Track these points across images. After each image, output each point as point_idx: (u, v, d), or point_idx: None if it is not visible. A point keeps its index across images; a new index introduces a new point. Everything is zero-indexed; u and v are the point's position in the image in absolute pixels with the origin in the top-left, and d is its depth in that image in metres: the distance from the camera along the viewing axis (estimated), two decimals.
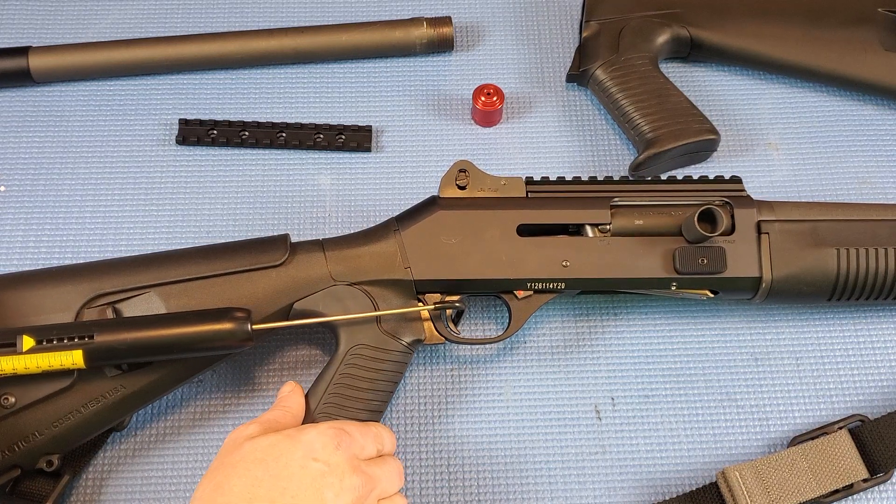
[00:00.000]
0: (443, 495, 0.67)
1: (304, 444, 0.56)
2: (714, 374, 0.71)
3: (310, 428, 0.57)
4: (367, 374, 0.64)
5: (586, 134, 0.81)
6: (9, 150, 0.80)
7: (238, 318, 0.59)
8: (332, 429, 0.57)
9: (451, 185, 0.67)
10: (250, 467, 0.55)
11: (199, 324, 0.59)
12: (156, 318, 0.60)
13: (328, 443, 0.56)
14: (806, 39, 0.80)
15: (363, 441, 0.58)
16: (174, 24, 0.87)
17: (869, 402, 0.70)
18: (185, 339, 0.59)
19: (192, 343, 0.59)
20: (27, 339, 0.57)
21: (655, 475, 0.68)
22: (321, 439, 0.56)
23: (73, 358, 0.57)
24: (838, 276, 0.66)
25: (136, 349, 0.58)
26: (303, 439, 0.56)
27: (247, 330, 0.59)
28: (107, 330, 0.58)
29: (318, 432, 0.57)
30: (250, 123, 0.80)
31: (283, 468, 0.54)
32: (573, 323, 0.73)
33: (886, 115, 0.82)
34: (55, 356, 0.57)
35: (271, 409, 0.61)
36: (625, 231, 0.66)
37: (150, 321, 0.60)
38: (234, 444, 0.57)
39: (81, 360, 0.57)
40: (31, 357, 0.57)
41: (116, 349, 0.58)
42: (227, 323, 0.59)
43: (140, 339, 0.58)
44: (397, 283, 0.65)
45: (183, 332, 0.58)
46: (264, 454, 0.55)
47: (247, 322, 0.60)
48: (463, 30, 0.87)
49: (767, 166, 0.80)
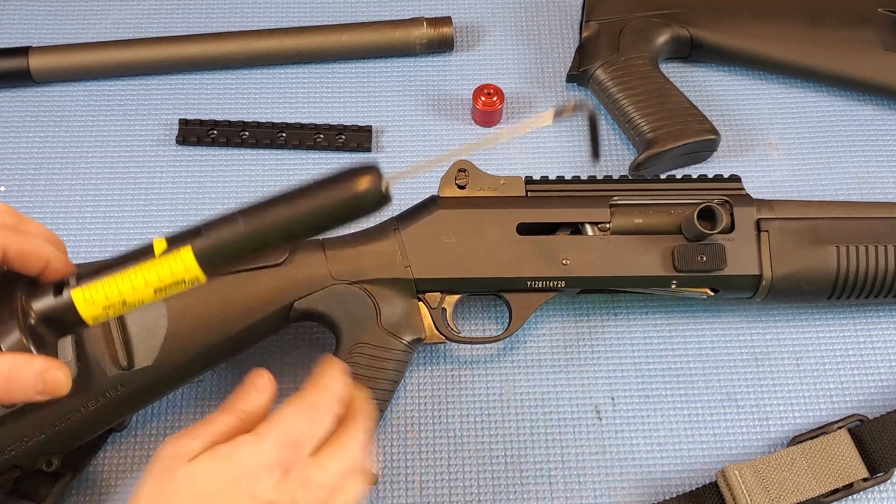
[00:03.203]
0: (443, 495, 0.67)
1: (245, 473, 0.48)
2: (714, 374, 0.71)
3: (250, 445, 0.49)
4: (367, 374, 0.64)
5: (586, 134, 0.81)
6: (9, 150, 0.80)
7: (370, 173, 0.48)
8: (278, 448, 0.49)
9: (450, 185, 0.67)
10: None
11: (322, 194, 0.48)
12: (281, 200, 0.48)
13: (274, 469, 0.48)
14: (806, 39, 0.80)
15: (317, 431, 0.51)
16: (174, 24, 0.87)
17: (869, 401, 0.70)
18: (308, 216, 0.48)
19: (317, 220, 0.48)
20: (158, 241, 0.48)
21: (655, 475, 0.68)
22: (265, 463, 0.48)
23: (184, 260, 0.47)
24: (838, 273, 0.66)
25: (252, 239, 0.48)
26: (244, 464, 0.48)
27: (381, 189, 0.48)
28: (213, 224, 0.48)
29: (259, 456, 0.48)
30: (250, 123, 0.80)
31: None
32: (573, 323, 0.73)
33: (886, 114, 0.82)
34: (175, 262, 0.47)
35: (223, 412, 0.52)
36: (624, 230, 0.66)
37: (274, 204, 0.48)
38: (170, 466, 0.48)
39: (194, 262, 0.47)
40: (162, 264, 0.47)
41: (230, 242, 0.47)
42: (359, 183, 0.47)
43: (256, 226, 0.48)
44: (397, 282, 0.65)
45: (306, 209, 0.48)
46: (203, 488, 0.47)
47: (380, 179, 0.48)
48: (463, 30, 0.87)
49: (767, 166, 0.80)
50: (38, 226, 0.53)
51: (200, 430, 0.50)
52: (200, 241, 0.47)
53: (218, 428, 0.50)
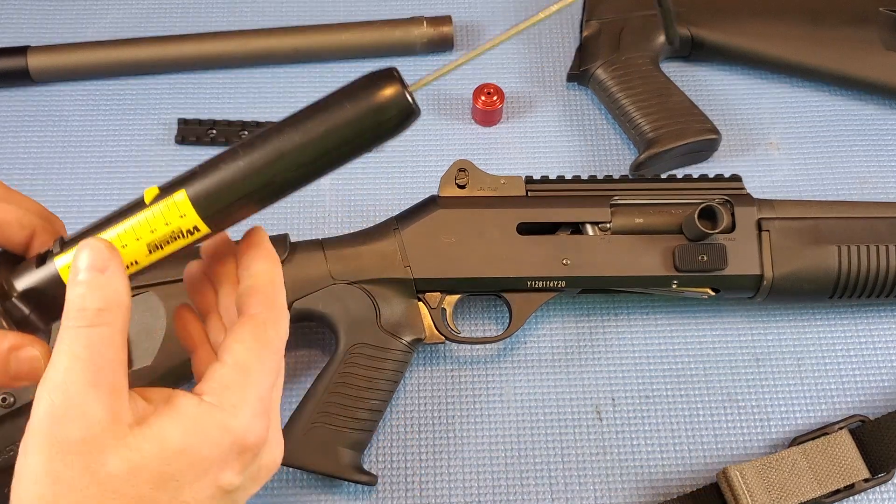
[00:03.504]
0: (443, 495, 0.67)
1: (212, 463, 0.39)
2: (715, 375, 0.71)
3: (217, 428, 0.39)
4: (367, 374, 0.64)
5: (587, 133, 0.81)
6: (7, 149, 0.80)
7: (389, 80, 0.40)
8: (254, 420, 0.41)
9: (450, 185, 0.67)
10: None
11: (334, 113, 0.40)
12: (287, 124, 0.40)
13: (246, 452, 0.41)
14: (807, 39, 0.80)
15: (279, 378, 0.43)
16: (173, 23, 0.87)
17: (870, 402, 0.70)
18: (320, 141, 0.40)
19: (332, 144, 0.40)
20: (150, 190, 0.41)
21: (656, 475, 0.68)
22: (237, 447, 0.40)
23: (179, 207, 0.40)
24: (839, 273, 0.66)
25: (257, 174, 0.40)
26: (206, 455, 0.39)
27: (406, 98, 0.40)
28: (210, 162, 0.41)
29: (231, 439, 0.40)
30: (250, 123, 0.80)
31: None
32: (573, 323, 0.73)
33: (887, 114, 0.82)
34: (168, 209, 0.41)
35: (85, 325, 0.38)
36: (625, 229, 0.66)
37: (278, 130, 0.40)
38: (86, 464, 0.37)
39: (190, 207, 0.40)
40: (153, 213, 0.41)
41: (231, 180, 0.40)
42: (378, 93, 0.40)
43: (259, 158, 0.40)
44: (397, 282, 0.65)
45: (317, 132, 0.40)
46: (143, 488, 0.38)
47: (402, 85, 0.40)
48: (463, 29, 0.87)
49: (768, 166, 0.80)
50: (27, 200, 0.46)
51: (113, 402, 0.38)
52: (196, 183, 0.40)
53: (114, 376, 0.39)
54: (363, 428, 0.64)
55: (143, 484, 0.38)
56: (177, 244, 0.41)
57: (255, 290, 0.43)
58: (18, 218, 0.44)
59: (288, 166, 0.40)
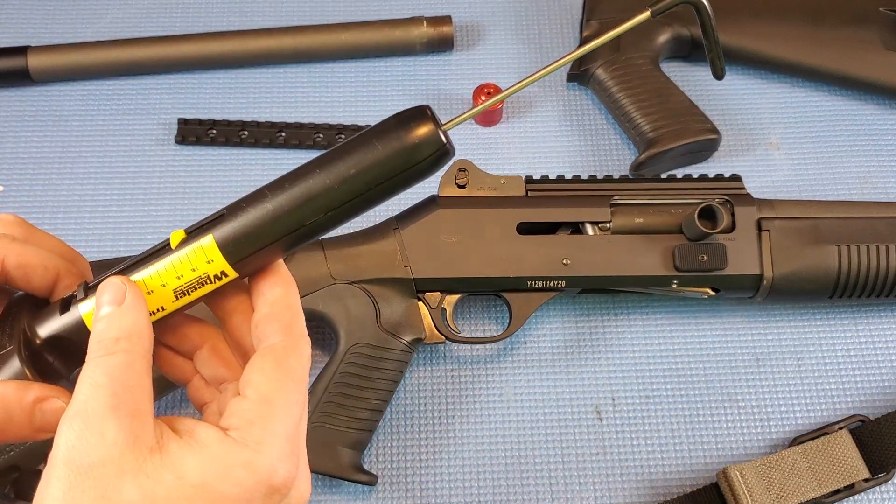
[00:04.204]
0: (443, 495, 0.67)
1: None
2: (715, 375, 0.71)
3: (244, 468, 0.37)
4: (367, 374, 0.64)
5: (587, 133, 0.81)
6: (7, 149, 0.80)
7: (422, 119, 0.39)
8: (282, 461, 0.38)
9: (450, 184, 0.67)
10: None
11: (365, 154, 0.38)
12: (315, 166, 0.39)
13: (273, 495, 0.38)
14: (807, 39, 0.80)
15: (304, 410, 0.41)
16: (173, 23, 0.87)
17: (870, 402, 0.70)
18: (350, 184, 0.38)
19: (362, 186, 0.38)
20: (176, 234, 0.40)
21: (656, 475, 0.68)
22: (265, 486, 0.38)
23: (206, 252, 0.39)
24: (839, 273, 0.66)
25: (286, 218, 0.39)
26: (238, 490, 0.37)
27: (439, 138, 0.39)
28: (238, 205, 0.40)
29: (256, 478, 0.37)
30: (250, 123, 0.80)
31: None
32: (573, 323, 0.73)
33: (888, 114, 0.82)
34: (196, 254, 0.39)
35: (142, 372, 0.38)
36: (625, 229, 0.66)
37: (307, 171, 0.39)
38: (103, 491, 0.35)
39: (217, 253, 0.39)
40: (180, 259, 0.40)
41: (258, 224, 0.39)
42: (411, 134, 0.39)
43: (286, 202, 0.38)
44: (397, 282, 0.65)
45: (346, 174, 0.38)
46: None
47: (435, 125, 0.39)
48: (463, 29, 0.87)
49: (768, 166, 0.80)
50: (51, 239, 0.44)
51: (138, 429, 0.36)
52: (223, 227, 0.39)
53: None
54: (363, 428, 0.64)
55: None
56: (204, 290, 0.40)
57: (273, 317, 0.41)
58: (42, 261, 0.42)
59: (317, 210, 0.39)
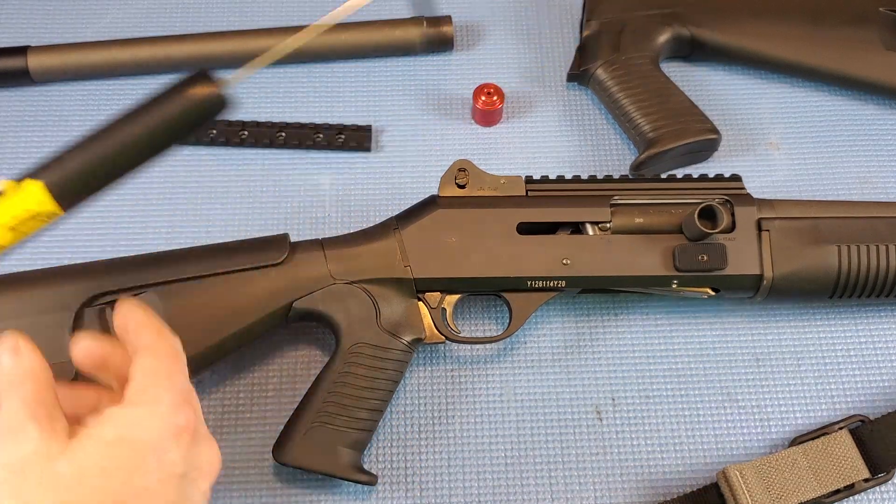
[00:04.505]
0: (443, 495, 0.67)
1: (150, 449, 0.44)
2: (715, 374, 0.71)
3: (146, 417, 0.45)
4: (366, 374, 0.64)
5: (587, 133, 0.81)
6: (7, 149, 0.80)
7: (203, 81, 0.53)
8: (178, 410, 0.46)
9: (450, 184, 0.67)
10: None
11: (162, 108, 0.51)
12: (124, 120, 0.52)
13: (181, 434, 0.45)
14: (807, 39, 0.80)
15: (187, 380, 0.50)
16: (173, 23, 0.87)
17: (870, 402, 0.70)
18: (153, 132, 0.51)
19: (162, 133, 0.52)
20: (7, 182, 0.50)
21: (656, 475, 0.68)
22: (170, 430, 0.45)
23: (35, 194, 0.49)
24: (839, 273, 0.66)
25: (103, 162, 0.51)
26: (143, 440, 0.44)
27: (219, 93, 0.54)
28: (60, 155, 0.50)
29: (161, 425, 0.45)
30: (250, 123, 0.80)
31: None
32: (573, 323, 0.73)
33: (888, 114, 0.82)
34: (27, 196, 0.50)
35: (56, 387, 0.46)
36: (625, 229, 0.66)
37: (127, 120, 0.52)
38: (25, 472, 0.42)
39: (46, 195, 0.49)
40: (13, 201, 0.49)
41: (80, 169, 0.51)
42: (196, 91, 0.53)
43: (104, 149, 0.51)
44: (397, 282, 0.65)
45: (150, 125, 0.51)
46: (97, 483, 0.42)
47: (214, 84, 0.53)
48: (463, 29, 0.87)
49: (768, 166, 0.80)
50: None
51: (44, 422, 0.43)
52: (48, 173, 0.49)
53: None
54: (363, 428, 0.64)
55: (94, 478, 0.42)
56: (35, 224, 0.50)
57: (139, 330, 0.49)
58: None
59: (129, 154, 0.51)
